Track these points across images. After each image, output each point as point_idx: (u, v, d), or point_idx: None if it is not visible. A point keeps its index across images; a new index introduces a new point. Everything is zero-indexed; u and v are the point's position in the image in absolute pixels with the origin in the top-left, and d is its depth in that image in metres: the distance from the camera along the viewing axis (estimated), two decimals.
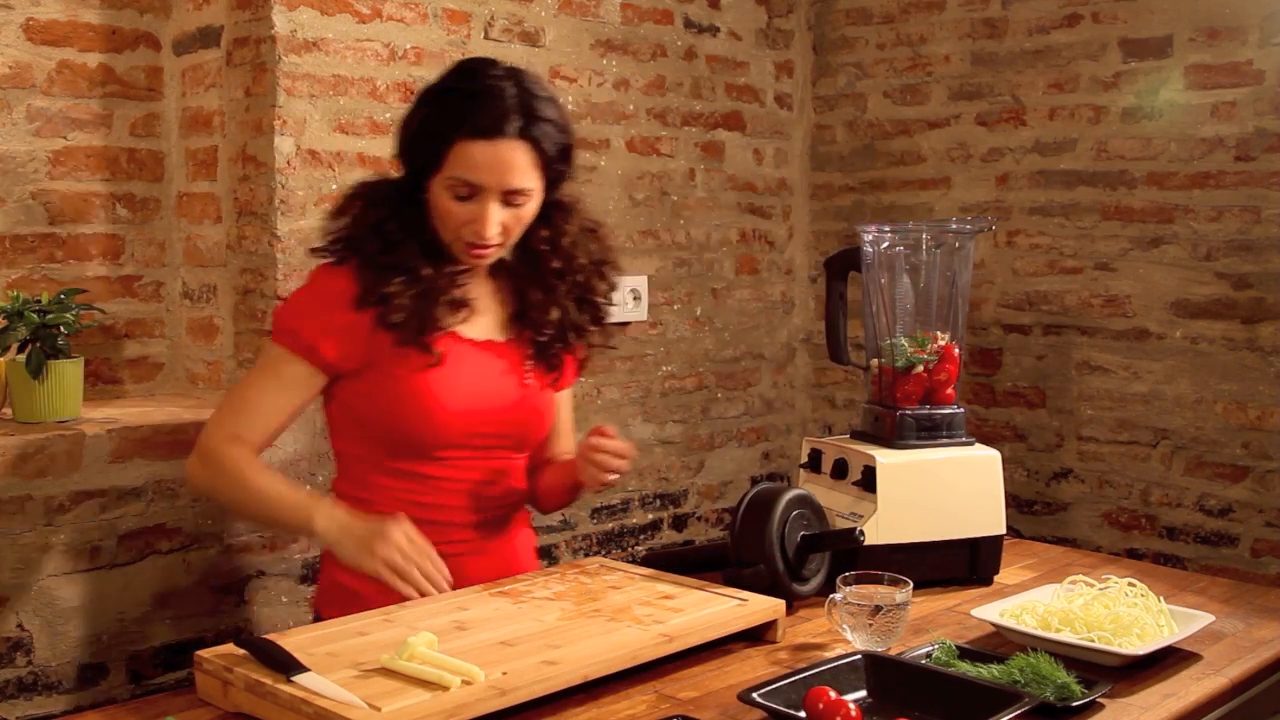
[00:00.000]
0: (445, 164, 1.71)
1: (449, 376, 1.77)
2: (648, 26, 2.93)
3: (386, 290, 1.72)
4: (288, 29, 2.27)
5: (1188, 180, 2.72)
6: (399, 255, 1.74)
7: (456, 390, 1.77)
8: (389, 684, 1.33)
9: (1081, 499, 2.91)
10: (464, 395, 1.78)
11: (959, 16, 3.06)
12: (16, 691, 1.98)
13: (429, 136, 1.73)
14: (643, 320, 2.97)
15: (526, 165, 1.73)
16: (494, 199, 1.72)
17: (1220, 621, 1.72)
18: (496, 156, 1.70)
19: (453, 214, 1.74)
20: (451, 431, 1.77)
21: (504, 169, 1.71)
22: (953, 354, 1.98)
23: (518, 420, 1.85)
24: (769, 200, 3.29)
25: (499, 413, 1.82)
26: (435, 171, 1.73)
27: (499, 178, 1.71)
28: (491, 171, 1.70)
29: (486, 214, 1.72)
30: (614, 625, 1.54)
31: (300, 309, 1.79)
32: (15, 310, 2.03)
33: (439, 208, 1.75)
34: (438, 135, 1.72)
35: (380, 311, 1.72)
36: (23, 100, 2.26)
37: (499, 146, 1.70)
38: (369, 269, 1.74)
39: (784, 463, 3.37)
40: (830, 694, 1.34)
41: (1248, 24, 2.62)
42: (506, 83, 1.73)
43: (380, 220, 1.76)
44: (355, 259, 1.75)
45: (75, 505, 2.02)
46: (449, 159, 1.71)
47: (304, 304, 1.79)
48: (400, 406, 1.75)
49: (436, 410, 1.75)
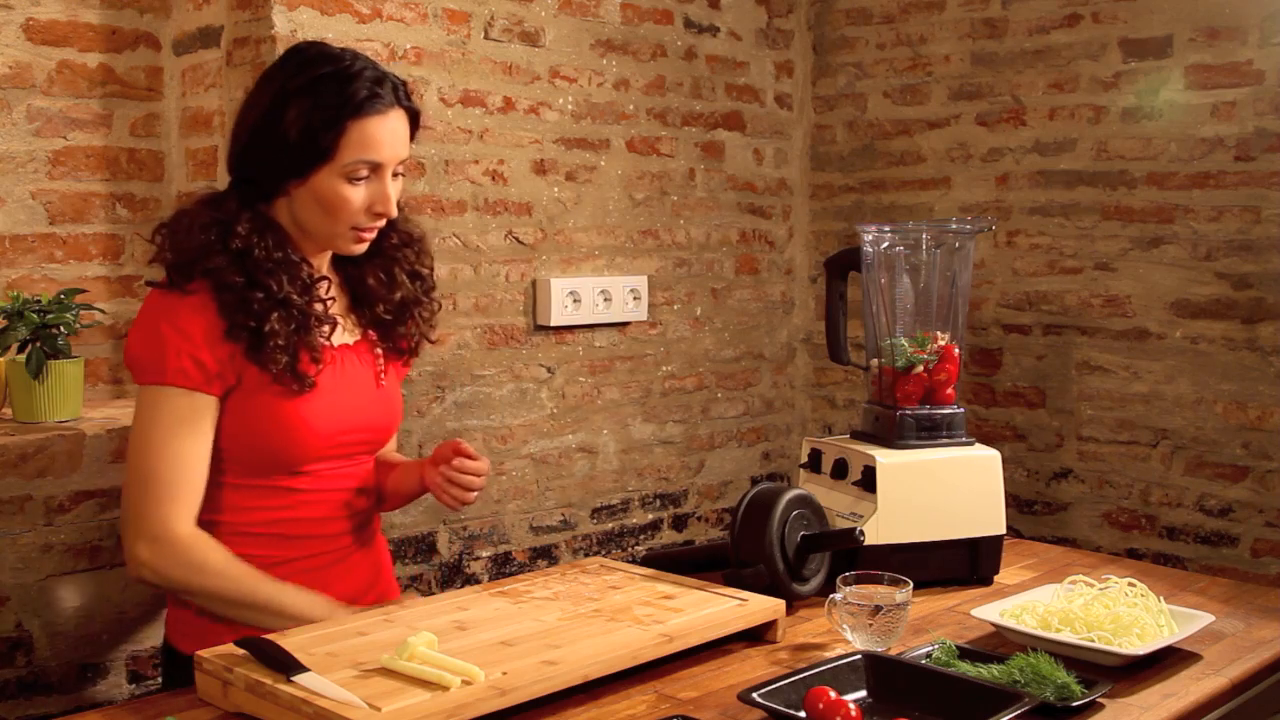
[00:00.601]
0: (339, 151, 1.65)
1: (317, 396, 1.71)
2: (648, 26, 2.93)
3: (264, 329, 1.64)
4: (288, 29, 2.27)
5: (1188, 180, 2.72)
6: (270, 285, 1.65)
7: (325, 408, 1.72)
8: (389, 684, 1.33)
9: (1081, 499, 2.91)
10: (332, 412, 1.73)
11: (959, 16, 3.06)
12: (16, 691, 1.98)
13: (314, 129, 1.64)
14: (643, 320, 2.97)
15: (408, 133, 1.72)
16: (389, 174, 1.70)
17: (1220, 621, 1.72)
18: (390, 129, 1.68)
19: (350, 201, 1.68)
20: (320, 447, 1.73)
21: (397, 140, 1.69)
22: (953, 354, 1.98)
23: (380, 423, 1.83)
24: (769, 200, 3.29)
25: (364, 419, 1.79)
26: (323, 164, 1.66)
27: (394, 150, 1.69)
28: (389, 145, 1.68)
29: (387, 190, 1.69)
30: (614, 625, 1.54)
31: (169, 339, 1.64)
32: (15, 310, 2.03)
33: (332, 199, 1.67)
34: (326, 124, 1.64)
35: (257, 349, 1.65)
36: (23, 100, 2.26)
37: (390, 118, 1.68)
38: (233, 302, 1.65)
39: (784, 463, 3.37)
40: (830, 694, 1.34)
41: (1248, 24, 2.62)
42: (359, 59, 1.70)
43: (242, 248, 1.66)
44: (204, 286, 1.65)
45: (75, 505, 2.02)
46: (343, 145, 1.65)
47: (170, 333, 1.65)
48: (266, 428, 1.69)
49: (306, 431, 1.71)
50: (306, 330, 1.69)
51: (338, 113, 1.65)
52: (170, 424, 1.65)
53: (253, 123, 1.70)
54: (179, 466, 1.65)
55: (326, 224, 1.71)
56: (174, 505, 1.64)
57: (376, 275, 1.83)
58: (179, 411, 1.65)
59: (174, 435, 1.65)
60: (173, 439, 1.65)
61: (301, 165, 1.67)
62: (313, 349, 1.70)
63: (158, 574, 1.65)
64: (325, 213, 1.70)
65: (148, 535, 1.64)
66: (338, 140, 1.65)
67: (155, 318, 1.67)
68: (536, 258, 2.72)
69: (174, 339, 1.64)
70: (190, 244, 1.67)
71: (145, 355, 1.67)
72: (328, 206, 1.69)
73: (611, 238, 2.89)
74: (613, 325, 2.91)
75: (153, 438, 1.65)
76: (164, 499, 1.64)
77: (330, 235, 1.72)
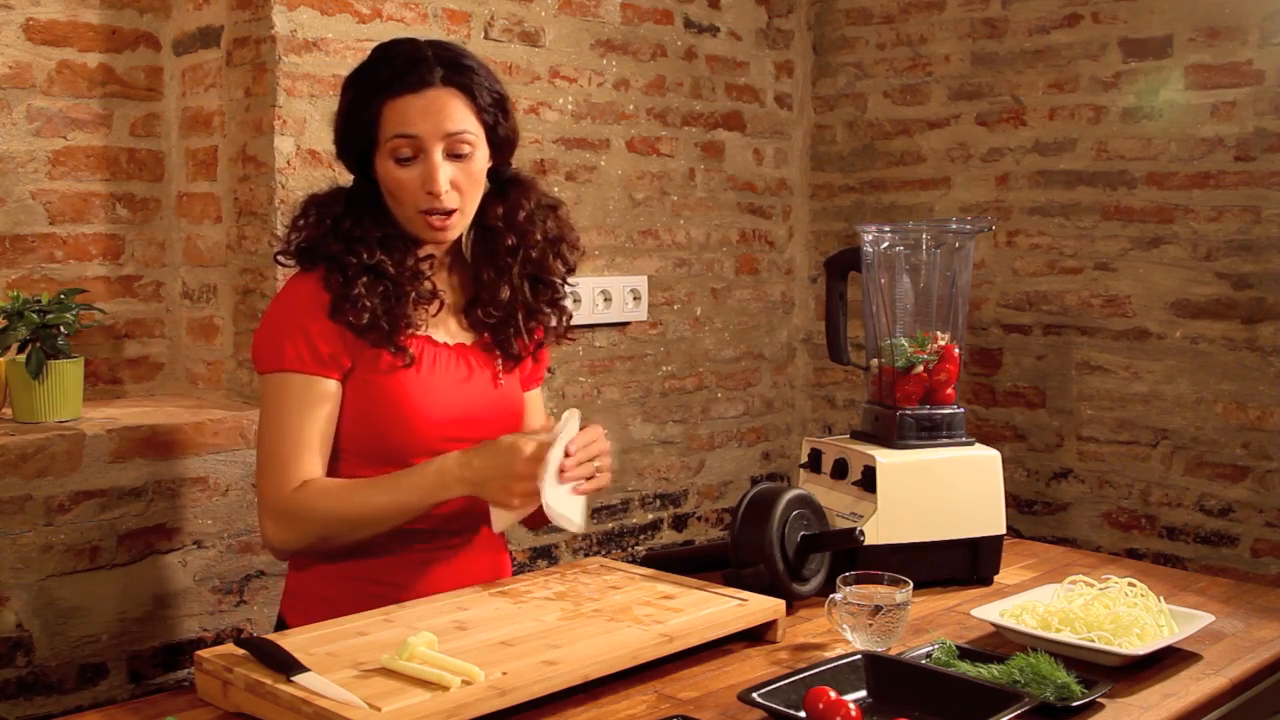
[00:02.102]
0: (381, 131, 1.69)
1: (424, 380, 1.74)
2: (648, 26, 2.93)
3: (353, 292, 1.68)
4: (288, 29, 2.27)
5: (1188, 180, 2.72)
6: (361, 252, 1.70)
7: (432, 394, 1.74)
8: (389, 684, 1.33)
9: (1081, 499, 2.91)
10: (441, 399, 1.75)
11: (959, 16, 3.06)
12: (16, 691, 1.98)
13: (358, 113, 1.71)
14: (643, 320, 2.97)
15: (462, 110, 1.71)
16: (437, 151, 1.69)
17: (1220, 621, 1.72)
18: (427, 105, 1.69)
19: (403, 183, 1.70)
20: (429, 437, 1.73)
21: (437, 114, 1.69)
22: (953, 354, 1.98)
23: (498, 422, 1.81)
24: (769, 200, 3.29)
25: (476, 416, 1.78)
26: (375, 146, 1.71)
27: (434, 124, 1.69)
28: (425, 118, 1.68)
29: (434, 169, 1.69)
30: (614, 625, 1.54)
31: (285, 328, 1.71)
32: (15, 310, 2.03)
33: (390, 183, 1.71)
34: (366, 107, 1.70)
35: (349, 314, 1.68)
36: (23, 100, 2.26)
37: (427, 96, 1.69)
38: (334, 272, 1.70)
39: (784, 463, 3.37)
40: (830, 694, 1.34)
41: (1248, 24, 2.62)
42: (423, 46, 1.73)
43: (336, 219, 1.73)
44: (321, 265, 1.72)
45: (75, 505, 2.02)
46: (382, 125, 1.69)
47: (286, 321, 1.72)
48: (377, 411, 1.72)
49: (414, 415, 1.72)
50: (400, 300, 1.71)
51: (376, 95, 1.70)
52: (289, 407, 1.70)
53: (336, 116, 1.78)
54: (298, 444, 1.69)
55: (398, 210, 1.73)
56: (286, 472, 1.68)
57: (488, 273, 1.82)
58: (297, 395, 1.69)
59: (292, 415, 1.69)
60: (291, 419, 1.69)
61: (363, 152, 1.73)
62: (409, 320, 1.72)
63: (283, 540, 1.69)
64: (391, 198, 1.73)
65: (271, 511, 1.69)
66: (375, 121, 1.70)
67: (274, 307, 1.75)
68: None
69: (290, 326, 1.70)
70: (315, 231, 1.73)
71: (264, 344, 1.73)
72: (388, 191, 1.73)
73: (611, 238, 2.89)
74: (613, 325, 2.91)
75: (272, 421, 1.70)
76: (282, 475, 1.68)
77: (406, 221, 1.74)
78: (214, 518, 2.20)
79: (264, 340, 1.73)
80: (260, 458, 1.73)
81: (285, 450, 1.69)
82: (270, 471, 1.70)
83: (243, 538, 2.23)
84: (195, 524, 2.17)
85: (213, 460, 2.19)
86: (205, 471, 2.18)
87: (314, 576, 1.76)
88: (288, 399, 1.70)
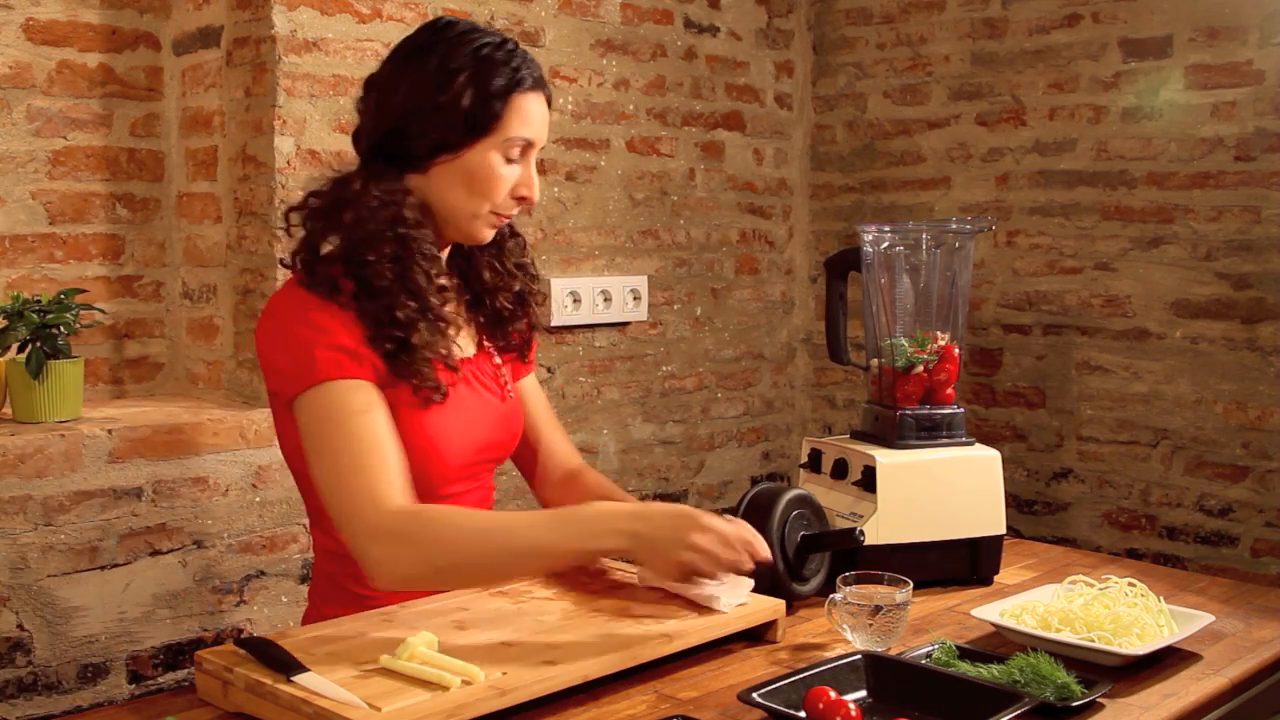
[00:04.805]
0: (504, 123, 1.58)
1: (449, 414, 1.62)
2: (648, 26, 2.93)
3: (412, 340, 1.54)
4: (288, 29, 2.27)
5: (1188, 180, 2.72)
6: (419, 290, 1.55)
7: (458, 427, 1.63)
8: (389, 684, 1.33)
9: (1081, 499, 2.90)
10: (465, 430, 1.65)
11: (959, 16, 3.06)
12: (16, 691, 1.98)
13: (488, 97, 1.57)
14: (643, 320, 2.97)
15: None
16: (534, 156, 1.65)
17: (1220, 621, 1.72)
18: (543, 110, 1.64)
19: (502, 179, 1.60)
20: (455, 470, 1.65)
21: (544, 120, 1.64)
22: (953, 354, 1.98)
23: (506, 438, 1.76)
24: (769, 200, 3.29)
25: (492, 435, 1.72)
26: (484, 136, 1.58)
27: (543, 129, 1.64)
28: (541, 123, 1.63)
29: (532, 173, 1.64)
30: (614, 625, 1.54)
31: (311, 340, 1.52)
32: (15, 310, 2.03)
33: (485, 175, 1.60)
34: (497, 93, 1.58)
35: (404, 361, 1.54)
36: (23, 100, 2.26)
37: (542, 100, 1.64)
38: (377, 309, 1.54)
39: (784, 463, 3.37)
40: (830, 694, 1.34)
41: (1248, 24, 2.62)
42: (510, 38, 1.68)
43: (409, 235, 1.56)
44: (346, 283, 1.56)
45: (75, 505, 2.02)
46: (507, 117, 1.58)
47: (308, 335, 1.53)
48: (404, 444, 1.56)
49: (442, 450, 1.62)
50: (444, 334, 1.61)
51: (507, 84, 1.59)
52: (341, 417, 1.50)
53: (408, 93, 1.59)
54: (368, 449, 1.49)
55: (470, 203, 1.61)
56: (379, 486, 1.47)
57: (492, 267, 1.75)
58: (346, 401, 1.51)
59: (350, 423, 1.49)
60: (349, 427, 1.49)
61: (465, 135, 1.58)
62: (448, 355, 1.61)
63: (395, 565, 1.45)
64: (472, 191, 1.61)
65: (377, 534, 1.45)
66: (504, 111, 1.59)
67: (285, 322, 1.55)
68: (536, 258, 2.72)
69: (313, 335, 1.52)
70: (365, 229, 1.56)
71: (290, 364, 1.53)
72: (477, 182, 1.60)
73: (611, 238, 2.89)
74: (613, 325, 2.91)
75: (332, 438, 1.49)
76: (379, 491, 1.47)
77: (469, 216, 1.62)
78: (214, 518, 2.20)
79: (287, 360, 1.54)
80: (329, 482, 1.50)
81: (359, 458, 1.48)
82: (349, 491, 1.47)
83: (243, 538, 2.23)
84: (195, 524, 2.17)
85: (213, 460, 2.19)
86: (205, 471, 2.18)
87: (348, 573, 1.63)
88: (338, 408, 1.51)
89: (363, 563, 1.48)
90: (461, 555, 1.46)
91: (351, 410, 1.50)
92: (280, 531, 2.29)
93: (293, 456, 1.63)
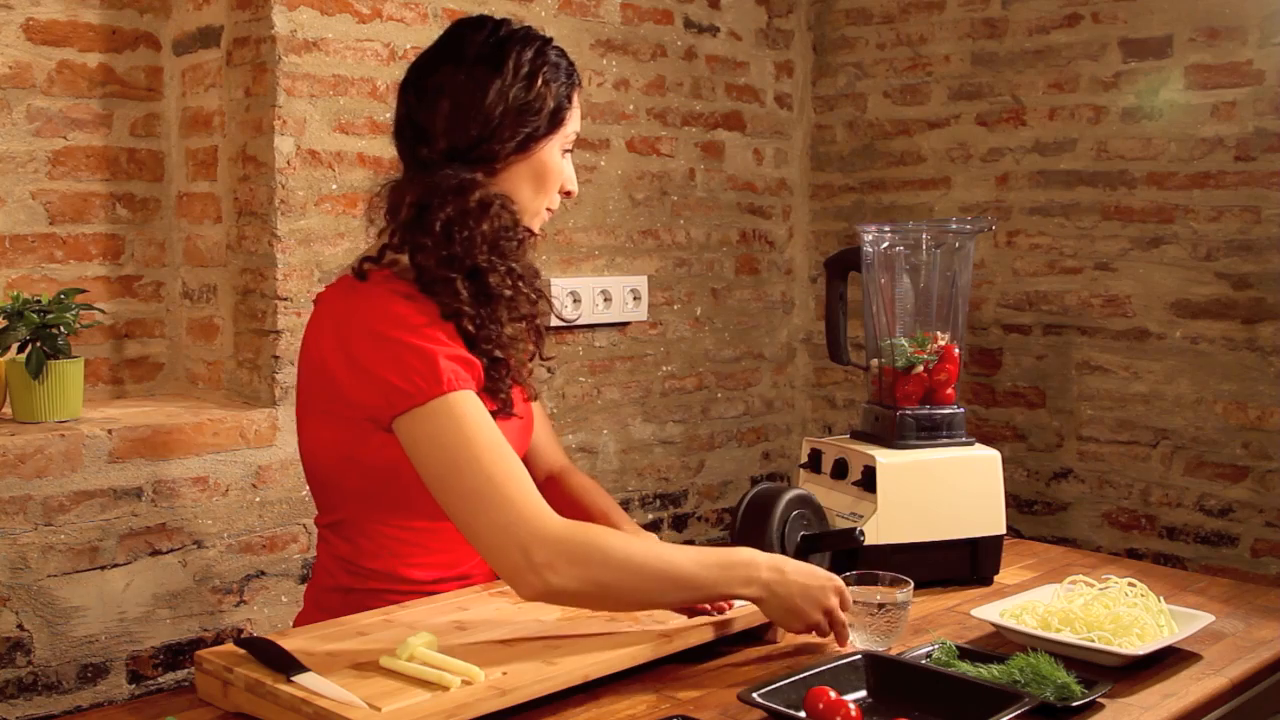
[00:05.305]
0: (567, 120, 1.63)
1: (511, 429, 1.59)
2: (648, 26, 2.93)
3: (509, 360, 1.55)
4: (288, 29, 2.27)
5: (1188, 180, 2.72)
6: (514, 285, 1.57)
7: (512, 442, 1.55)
8: (389, 684, 1.33)
9: (1081, 499, 2.91)
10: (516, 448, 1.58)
11: (959, 16, 3.06)
12: (16, 691, 1.98)
13: (557, 95, 1.61)
14: (643, 320, 2.97)
15: None
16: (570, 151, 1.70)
17: (1220, 621, 1.72)
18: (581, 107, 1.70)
19: (562, 173, 1.65)
20: None
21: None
22: (953, 354, 1.98)
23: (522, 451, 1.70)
24: (769, 200, 3.29)
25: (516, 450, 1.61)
26: (552, 133, 1.62)
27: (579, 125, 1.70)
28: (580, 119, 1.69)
29: (572, 170, 1.69)
30: (614, 625, 1.54)
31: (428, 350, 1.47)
32: (15, 310, 2.03)
33: (551, 170, 1.63)
34: (564, 91, 1.63)
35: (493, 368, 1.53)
36: (23, 100, 2.26)
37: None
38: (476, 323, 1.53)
39: (784, 463, 3.37)
40: (830, 694, 1.34)
41: (1248, 24, 2.62)
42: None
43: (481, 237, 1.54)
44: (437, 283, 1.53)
45: (75, 505, 2.02)
46: (569, 114, 1.63)
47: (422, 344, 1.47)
48: None
49: None
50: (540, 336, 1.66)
51: (569, 81, 1.64)
52: (476, 428, 1.45)
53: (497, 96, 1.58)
54: (512, 460, 1.46)
55: (536, 200, 1.64)
56: (535, 498, 1.44)
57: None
58: (480, 412, 1.47)
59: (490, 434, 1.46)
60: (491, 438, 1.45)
61: (541, 134, 1.60)
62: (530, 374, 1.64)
63: (566, 578, 1.41)
64: (538, 187, 1.63)
65: (534, 544, 1.41)
66: (567, 110, 1.63)
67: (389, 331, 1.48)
68: (536, 258, 2.72)
69: (431, 346, 1.47)
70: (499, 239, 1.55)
71: (403, 378, 1.46)
72: (543, 178, 1.63)
73: (611, 238, 2.89)
74: (613, 325, 2.91)
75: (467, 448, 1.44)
76: (523, 498, 1.43)
77: (532, 213, 1.64)
78: (214, 518, 2.20)
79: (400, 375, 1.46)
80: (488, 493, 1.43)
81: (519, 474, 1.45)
82: (519, 503, 1.43)
83: (243, 538, 2.23)
84: (195, 524, 2.17)
85: (213, 460, 2.19)
86: (205, 471, 2.18)
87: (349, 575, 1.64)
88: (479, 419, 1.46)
89: (517, 574, 1.41)
90: (624, 576, 1.44)
91: (485, 421, 1.47)
92: (280, 531, 2.29)
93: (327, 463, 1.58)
